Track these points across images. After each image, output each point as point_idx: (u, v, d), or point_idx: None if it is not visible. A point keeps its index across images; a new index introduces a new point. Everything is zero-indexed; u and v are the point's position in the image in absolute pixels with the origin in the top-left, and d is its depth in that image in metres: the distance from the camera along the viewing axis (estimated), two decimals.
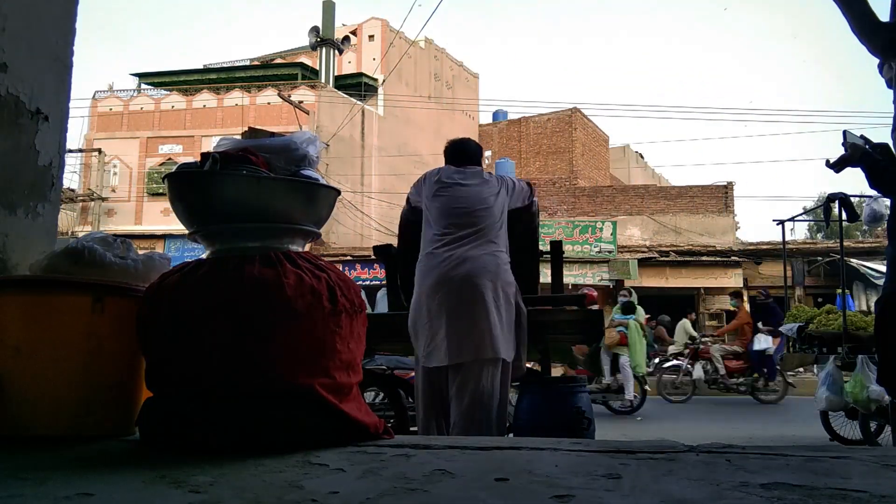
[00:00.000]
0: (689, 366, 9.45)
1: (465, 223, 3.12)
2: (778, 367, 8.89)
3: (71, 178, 20.19)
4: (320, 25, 22.37)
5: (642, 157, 33.32)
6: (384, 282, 5.41)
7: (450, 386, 3.01)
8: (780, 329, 7.15)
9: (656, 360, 10.29)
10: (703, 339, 10.19)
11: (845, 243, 6.47)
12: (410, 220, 3.44)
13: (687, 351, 9.74)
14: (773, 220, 7.88)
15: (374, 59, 23.34)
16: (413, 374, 3.92)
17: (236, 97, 20.58)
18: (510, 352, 3.02)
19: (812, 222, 20.30)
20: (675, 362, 9.71)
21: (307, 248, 2.13)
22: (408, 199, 3.48)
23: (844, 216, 5.79)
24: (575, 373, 6.69)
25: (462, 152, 3.39)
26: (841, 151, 2.87)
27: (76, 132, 22.04)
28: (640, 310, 8.87)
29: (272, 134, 2.13)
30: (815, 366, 6.49)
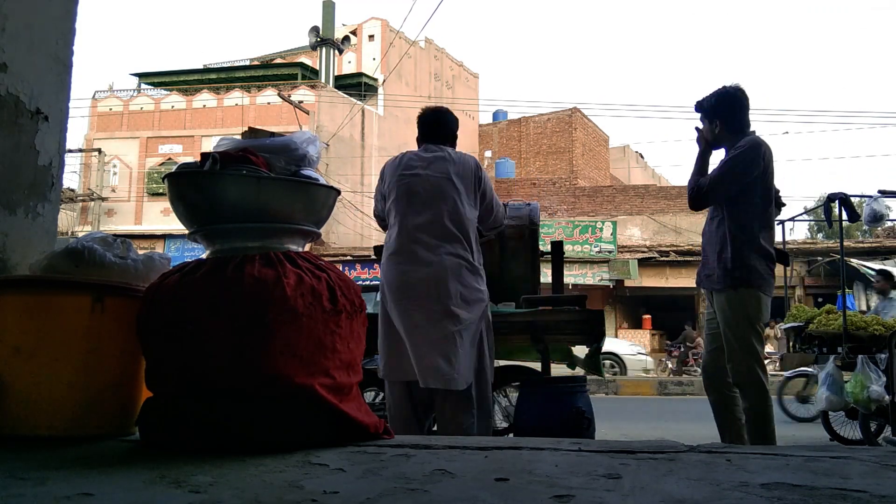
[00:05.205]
0: None
1: (425, 217, 2.83)
2: None
3: (71, 178, 20.25)
4: (320, 25, 22.38)
5: (642, 157, 33.34)
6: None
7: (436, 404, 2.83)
8: (782, 329, 7.14)
9: None
10: None
11: (845, 243, 6.46)
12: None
13: None
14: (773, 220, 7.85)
15: (374, 59, 23.36)
16: None
17: (236, 97, 20.59)
18: (470, 375, 2.77)
19: (812, 222, 20.30)
20: None
21: (307, 248, 2.13)
22: (376, 196, 3.14)
23: (845, 216, 5.79)
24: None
25: (426, 126, 3.07)
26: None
27: (76, 132, 22.14)
28: None
29: (272, 134, 2.13)
30: (815, 366, 6.48)
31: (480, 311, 2.85)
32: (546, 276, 3.73)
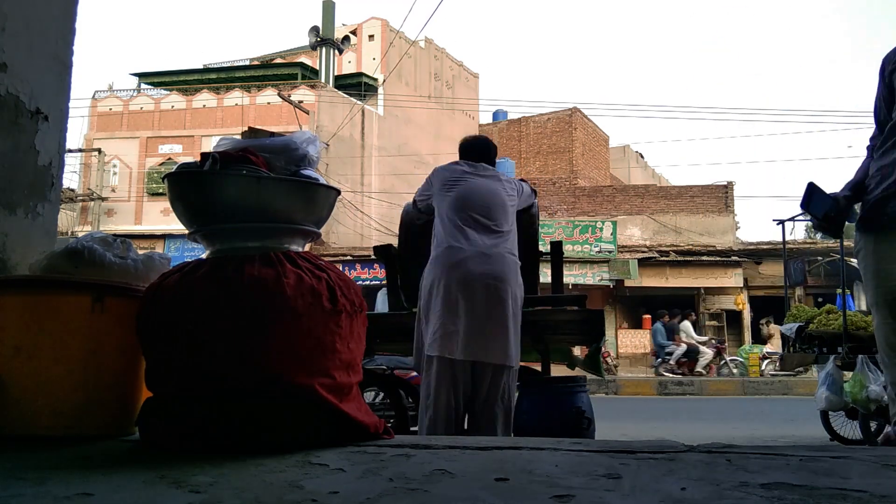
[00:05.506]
0: None
1: (483, 215, 3.09)
2: None
3: (71, 178, 20.22)
4: (320, 25, 22.37)
5: (642, 156, 33.32)
6: (384, 282, 5.41)
7: (477, 384, 2.98)
8: (780, 328, 7.17)
9: None
10: None
11: (845, 243, 6.47)
12: (416, 221, 3.43)
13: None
14: (773, 220, 7.92)
15: (374, 58, 23.33)
16: (413, 373, 3.91)
17: (236, 97, 20.58)
18: (517, 359, 3.03)
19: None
20: None
21: (307, 248, 2.13)
22: (414, 201, 3.44)
23: None
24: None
25: (475, 150, 3.38)
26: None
27: (76, 132, 22.06)
28: None
29: (272, 134, 2.13)
30: (815, 365, 6.50)
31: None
32: (546, 276, 3.73)
